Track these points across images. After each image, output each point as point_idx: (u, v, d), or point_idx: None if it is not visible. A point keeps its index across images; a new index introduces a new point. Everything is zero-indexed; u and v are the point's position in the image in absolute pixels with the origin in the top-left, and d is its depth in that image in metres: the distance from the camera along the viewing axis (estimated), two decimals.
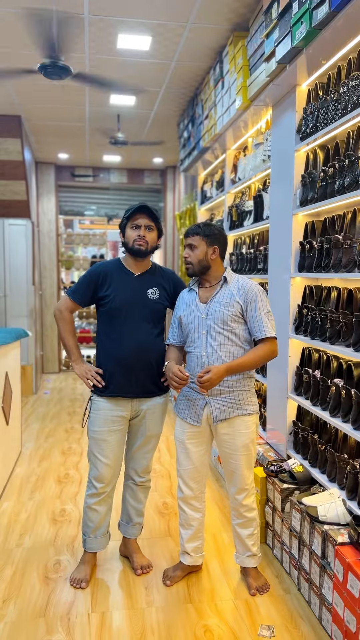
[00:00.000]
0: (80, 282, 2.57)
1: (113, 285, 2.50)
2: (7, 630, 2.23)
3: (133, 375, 2.49)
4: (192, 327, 2.43)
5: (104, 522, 2.63)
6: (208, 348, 2.37)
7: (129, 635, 2.21)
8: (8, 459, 3.90)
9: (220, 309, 2.36)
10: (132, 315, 2.49)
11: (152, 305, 2.53)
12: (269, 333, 2.32)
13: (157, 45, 3.98)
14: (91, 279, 2.53)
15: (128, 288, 2.51)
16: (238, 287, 2.40)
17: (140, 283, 2.53)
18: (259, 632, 2.23)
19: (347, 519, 2.29)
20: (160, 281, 2.59)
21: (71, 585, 2.55)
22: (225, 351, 2.35)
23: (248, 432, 2.40)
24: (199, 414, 2.42)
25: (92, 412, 2.55)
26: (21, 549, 2.90)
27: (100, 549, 2.66)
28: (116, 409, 2.52)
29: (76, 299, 2.54)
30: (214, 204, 5.26)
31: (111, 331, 2.50)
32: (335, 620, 2.12)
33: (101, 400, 2.53)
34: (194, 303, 2.45)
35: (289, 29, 2.64)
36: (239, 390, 2.38)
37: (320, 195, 2.70)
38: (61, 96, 5.09)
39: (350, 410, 2.41)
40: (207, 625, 2.27)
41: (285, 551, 2.68)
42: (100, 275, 2.52)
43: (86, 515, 2.61)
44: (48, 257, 8.11)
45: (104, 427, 2.51)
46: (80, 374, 2.55)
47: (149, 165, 8.19)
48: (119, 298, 2.48)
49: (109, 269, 2.54)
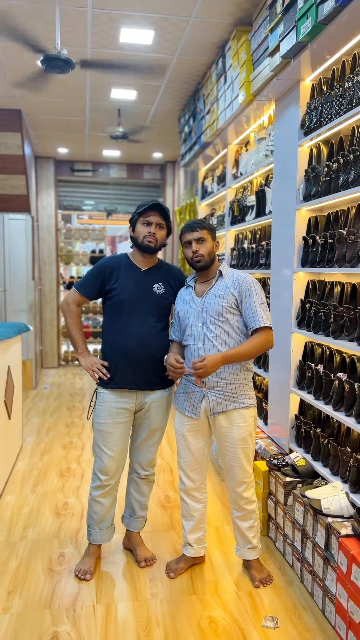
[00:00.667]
0: (88, 275, 2.60)
1: (120, 279, 2.53)
2: (14, 622, 2.25)
3: (138, 367, 2.51)
4: (188, 321, 2.46)
5: (109, 514, 2.65)
6: (204, 340, 2.39)
7: (135, 627, 2.23)
8: (10, 453, 3.91)
9: (215, 300, 2.40)
10: (138, 309, 2.51)
11: (157, 300, 2.56)
12: (263, 323, 2.34)
13: (160, 39, 3.97)
14: (99, 272, 2.56)
15: (135, 282, 2.53)
16: (232, 280, 2.44)
17: (146, 278, 2.56)
18: (263, 623, 2.25)
19: (350, 512, 2.31)
20: (167, 277, 2.62)
21: (76, 576, 2.57)
22: (222, 342, 2.37)
23: (246, 425, 2.42)
24: (196, 406, 2.45)
25: (97, 404, 2.58)
26: (25, 541, 2.92)
27: (105, 542, 2.68)
28: (121, 401, 2.53)
29: (84, 292, 2.57)
30: (214, 199, 5.26)
31: (117, 324, 2.53)
32: (339, 611, 2.14)
33: (106, 392, 2.55)
34: (190, 297, 2.49)
35: (294, 23, 2.64)
36: (236, 384, 2.41)
37: (324, 190, 2.71)
38: (62, 90, 5.08)
39: (354, 404, 2.43)
40: (211, 617, 2.29)
41: (287, 544, 2.70)
42: (108, 268, 2.55)
43: (91, 507, 2.63)
44: (47, 252, 8.10)
45: (109, 420, 2.53)
46: (86, 366, 2.56)
47: (149, 160, 8.18)
48: (125, 292, 2.51)
49: (117, 263, 2.57)
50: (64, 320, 2.76)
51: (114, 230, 12.32)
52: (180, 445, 2.55)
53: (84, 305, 8.90)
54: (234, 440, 2.43)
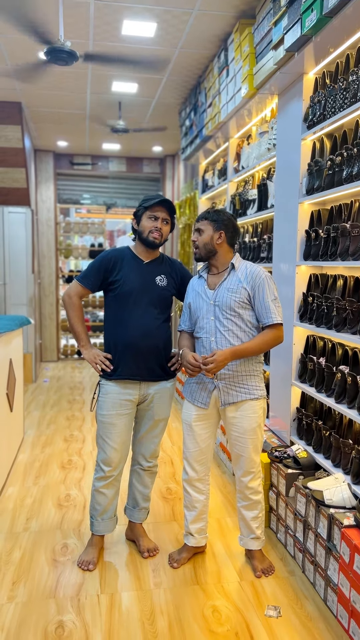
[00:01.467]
0: (90, 267, 2.60)
1: (123, 271, 2.54)
2: (19, 611, 2.27)
3: (141, 358, 2.52)
4: (200, 313, 2.46)
5: (111, 505, 2.66)
6: (217, 333, 2.40)
7: (139, 615, 2.25)
8: (12, 445, 3.92)
9: (227, 295, 2.40)
10: (140, 301, 2.52)
11: (160, 292, 2.57)
12: (275, 319, 2.36)
13: (162, 32, 3.96)
14: (102, 264, 2.56)
15: (138, 274, 2.54)
16: (245, 274, 2.43)
17: (149, 270, 2.57)
18: (265, 612, 2.27)
19: (352, 503, 2.33)
20: (168, 270, 2.64)
21: (79, 567, 2.59)
22: (234, 336, 2.39)
23: (255, 416, 2.44)
24: (207, 397, 2.46)
25: (100, 396, 2.59)
26: (28, 532, 2.93)
27: (108, 532, 2.70)
28: (124, 392, 2.55)
29: (87, 284, 2.57)
30: (215, 193, 5.27)
31: (120, 315, 2.54)
32: (341, 600, 2.17)
33: (110, 384, 2.56)
34: (202, 289, 2.49)
35: (298, 16, 2.64)
36: (247, 375, 2.43)
37: (327, 184, 2.72)
38: (63, 83, 5.06)
39: (356, 396, 2.45)
40: (214, 606, 2.32)
41: (289, 535, 2.73)
42: (111, 260, 2.56)
43: (94, 498, 2.64)
44: (47, 245, 8.09)
45: (112, 411, 2.54)
46: (89, 359, 2.57)
47: (148, 153, 8.16)
48: (129, 283, 2.52)
49: (119, 255, 2.58)
50: (65, 313, 2.75)
51: (113, 224, 12.31)
52: (187, 436, 2.57)
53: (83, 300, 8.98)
54: (243, 430, 2.44)
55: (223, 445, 3.90)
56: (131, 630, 2.16)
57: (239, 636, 2.13)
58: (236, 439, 2.48)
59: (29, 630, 2.15)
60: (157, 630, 2.16)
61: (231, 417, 2.45)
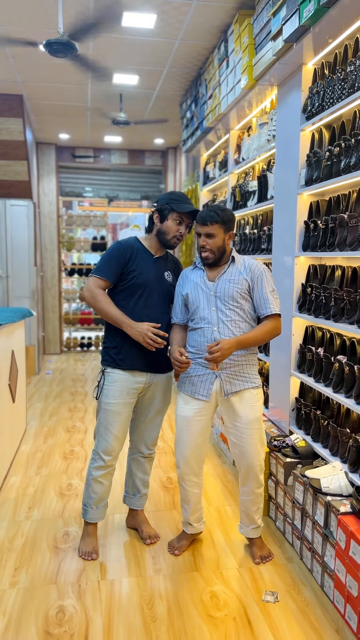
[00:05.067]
0: (107, 259, 2.53)
1: (138, 263, 2.55)
2: (21, 596, 2.32)
3: (150, 351, 2.50)
4: (200, 304, 2.47)
5: (107, 493, 2.69)
6: (219, 324, 2.42)
7: (138, 600, 2.29)
8: (14, 436, 3.97)
9: (229, 286, 2.43)
10: (151, 294, 2.56)
11: (168, 287, 2.62)
12: (274, 310, 2.40)
13: (162, 23, 3.96)
14: (120, 253, 2.53)
15: (150, 268, 2.57)
16: (245, 266, 2.48)
17: (159, 265, 2.62)
18: (263, 597, 2.31)
19: (349, 490, 2.36)
20: (172, 267, 2.71)
21: (81, 557, 2.62)
22: (236, 327, 2.42)
23: (258, 405, 2.49)
24: (208, 388, 2.47)
25: (106, 385, 2.58)
26: (30, 521, 2.98)
27: (101, 519, 2.73)
28: (133, 381, 2.57)
29: (106, 275, 2.50)
30: (216, 185, 5.27)
31: (132, 307, 2.53)
32: (337, 586, 2.20)
33: (117, 372, 2.56)
34: (201, 281, 2.50)
35: (296, 7, 2.64)
36: (247, 364, 2.47)
37: (325, 175, 2.73)
38: (64, 75, 5.07)
39: (354, 386, 2.47)
40: (213, 592, 2.36)
41: (287, 522, 2.76)
42: (127, 250, 2.54)
43: (90, 487, 2.64)
44: (49, 238, 8.11)
45: (120, 399, 2.56)
46: (137, 337, 2.43)
47: (150, 146, 8.16)
48: (143, 275, 2.54)
49: (133, 246, 2.58)
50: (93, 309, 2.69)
51: (115, 217, 12.30)
52: (183, 430, 2.54)
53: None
54: (248, 420, 2.47)
55: (223, 435, 3.93)
56: (130, 614, 2.20)
57: (237, 621, 2.17)
58: (241, 431, 2.48)
59: (31, 615, 2.20)
60: (156, 614, 2.20)
61: (234, 407, 2.47)
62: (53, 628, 2.12)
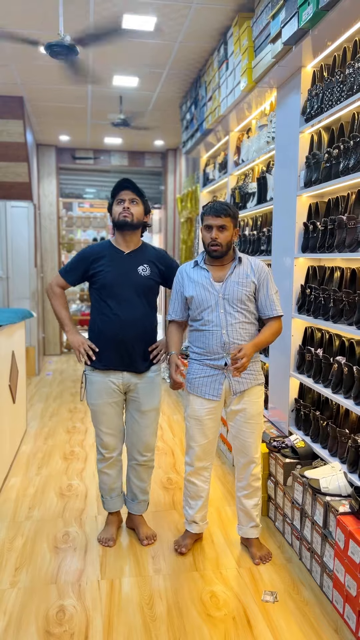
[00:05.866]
0: (71, 261, 2.68)
1: (105, 264, 2.58)
2: (21, 595, 2.32)
3: (124, 350, 2.58)
4: (207, 306, 2.46)
5: (116, 484, 2.78)
6: (228, 327, 2.44)
7: (138, 600, 2.30)
8: (14, 437, 3.98)
9: (238, 288, 2.44)
10: (123, 292, 2.56)
11: (143, 282, 2.60)
12: (279, 312, 2.48)
13: (162, 25, 3.98)
14: (82, 258, 2.63)
15: (119, 265, 2.58)
16: (251, 267, 2.48)
17: (130, 260, 2.60)
18: (262, 597, 2.32)
19: (348, 491, 2.37)
20: (151, 258, 2.66)
21: (100, 543, 2.73)
22: (243, 329, 2.45)
23: (260, 400, 2.55)
24: (218, 389, 2.50)
25: (87, 386, 2.67)
26: (30, 521, 2.99)
27: (118, 509, 2.83)
28: (108, 380, 2.62)
29: (67, 278, 2.66)
30: (216, 187, 5.29)
31: (102, 308, 2.59)
32: (336, 586, 2.21)
33: (94, 374, 2.63)
34: (208, 282, 2.48)
35: (295, 10, 2.66)
36: (254, 362, 2.51)
37: (324, 177, 2.74)
38: (64, 77, 5.08)
39: (352, 386, 2.48)
40: (212, 591, 2.36)
41: (287, 523, 2.77)
42: (91, 256, 2.61)
43: (100, 478, 2.79)
44: (49, 239, 8.12)
45: (100, 400, 2.63)
46: (74, 343, 2.63)
47: (150, 147, 8.17)
48: (109, 275, 2.56)
49: (99, 249, 2.64)
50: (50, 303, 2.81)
51: None
52: (196, 430, 2.57)
53: (86, 293, 9.05)
54: (250, 415, 2.52)
55: (223, 436, 3.94)
56: (130, 614, 2.21)
57: (236, 620, 2.18)
58: (243, 426, 2.53)
59: (31, 615, 2.21)
60: (156, 614, 2.21)
61: (240, 404, 2.51)
62: (53, 627, 2.13)
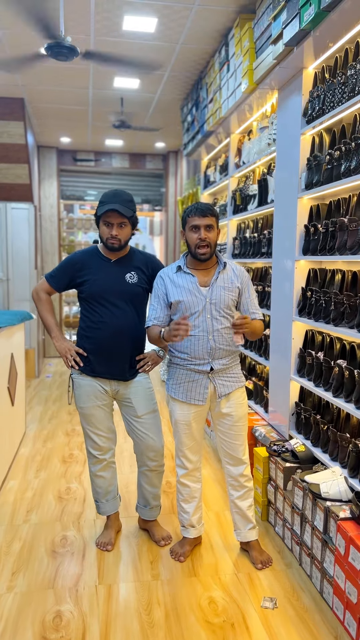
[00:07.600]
0: (58, 268, 2.65)
1: (91, 272, 2.55)
2: (18, 600, 2.30)
3: (111, 357, 2.56)
4: (194, 311, 2.43)
5: (112, 486, 2.75)
6: (214, 332, 2.43)
7: (136, 606, 2.27)
8: (13, 439, 3.95)
9: (225, 293, 2.44)
10: (110, 300, 2.54)
11: (131, 289, 2.58)
12: (260, 315, 2.54)
13: (163, 27, 3.97)
14: (68, 266, 2.60)
15: (105, 273, 2.55)
16: (234, 273, 2.50)
17: (117, 268, 2.58)
18: (262, 603, 2.29)
19: (348, 496, 2.34)
20: (139, 264, 2.63)
21: (98, 547, 2.71)
22: (229, 334, 2.45)
23: (245, 402, 2.58)
24: (203, 393, 2.49)
25: (75, 390, 2.64)
26: (28, 525, 2.96)
27: (114, 511, 2.80)
28: (96, 384, 2.60)
29: (53, 283, 2.63)
30: (217, 189, 5.27)
31: (90, 316, 2.57)
32: (337, 592, 2.18)
33: (80, 378, 2.62)
34: (194, 287, 2.44)
35: (297, 10, 2.64)
36: (235, 365, 2.55)
37: (325, 179, 2.72)
38: (65, 79, 5.07)
39: (353, 390, 2.46)
40: (211, 597, 2.34)
41: (287, 528, 2.74)
42: (77, 263, 2.58)
43: (94, 483, 2.74)
44: (50, 241, 8.11)
45: (88, 403, 2.61)
46: (60, 349, 2.62)
47: (151, 149, 8.17)
48: (97, 284, 2.53)
49: (86, 256, 2.60)
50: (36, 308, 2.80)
51: None
52: (184, 434, 2.57)
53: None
54: (237, 418, 2.53)
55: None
56: (128, 620, 2.19)
57: (235, 627, 2.15)
58: (230, 428, 2.55)
59: (27, 620, 2.18)
60: (154, 620, 2.19)
61: (225, 407, 2.51)
62: (50, 633, 2.10)
